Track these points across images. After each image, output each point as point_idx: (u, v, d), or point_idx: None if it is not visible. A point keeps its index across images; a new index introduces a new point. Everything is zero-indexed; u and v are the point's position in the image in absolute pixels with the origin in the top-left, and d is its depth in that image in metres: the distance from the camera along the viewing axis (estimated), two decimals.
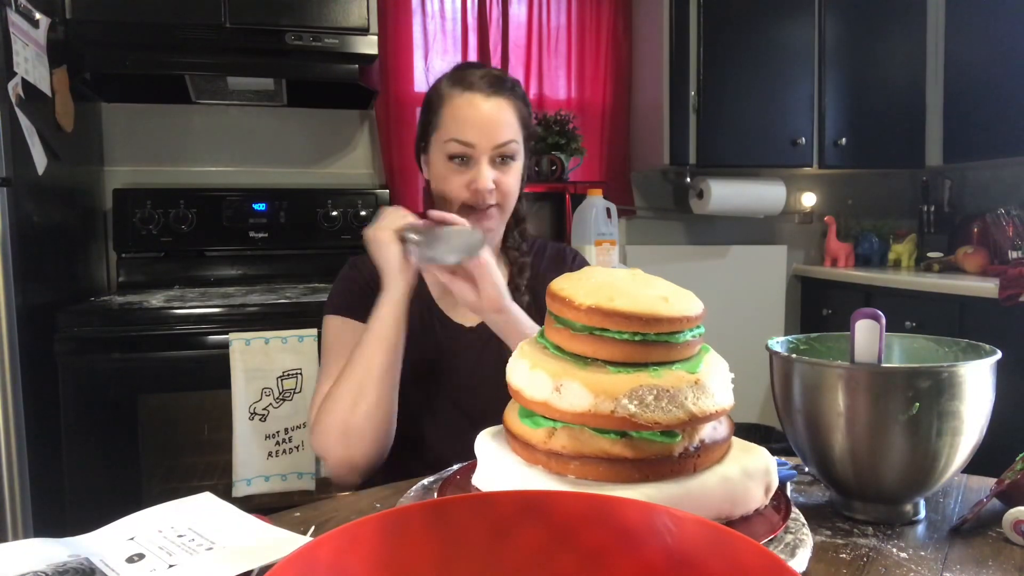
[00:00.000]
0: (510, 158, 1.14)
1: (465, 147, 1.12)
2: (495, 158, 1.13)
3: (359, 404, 1.02)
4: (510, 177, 1.15)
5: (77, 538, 0.72)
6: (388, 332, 1.04)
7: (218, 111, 2.57)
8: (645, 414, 0.64)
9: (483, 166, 1.12)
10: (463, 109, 1.12)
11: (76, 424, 1.80)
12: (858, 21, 2.85)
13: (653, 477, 0.66)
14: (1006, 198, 2.84)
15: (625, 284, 0.71)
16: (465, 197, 1.13)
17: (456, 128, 1.12)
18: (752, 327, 2.99)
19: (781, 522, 0.69)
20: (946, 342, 0.87)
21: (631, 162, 3.01)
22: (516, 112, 1.15)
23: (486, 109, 1.12)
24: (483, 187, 1.11)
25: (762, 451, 0.73)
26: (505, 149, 1.13)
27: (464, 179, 1.13)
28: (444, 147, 1.13)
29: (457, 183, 1.13)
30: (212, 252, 2.47)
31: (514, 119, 1.14)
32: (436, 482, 0.84)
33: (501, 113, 1.13)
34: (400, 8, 2.65)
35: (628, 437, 0.66)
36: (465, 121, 1.11)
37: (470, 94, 1.12)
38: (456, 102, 1.13)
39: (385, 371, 1.04)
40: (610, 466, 0.66)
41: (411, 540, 0.47)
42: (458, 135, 1.11)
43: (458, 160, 1.13)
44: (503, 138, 1.12)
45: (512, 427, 0.73)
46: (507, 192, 1.15)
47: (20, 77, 1.69)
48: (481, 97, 1.12)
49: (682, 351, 0.69)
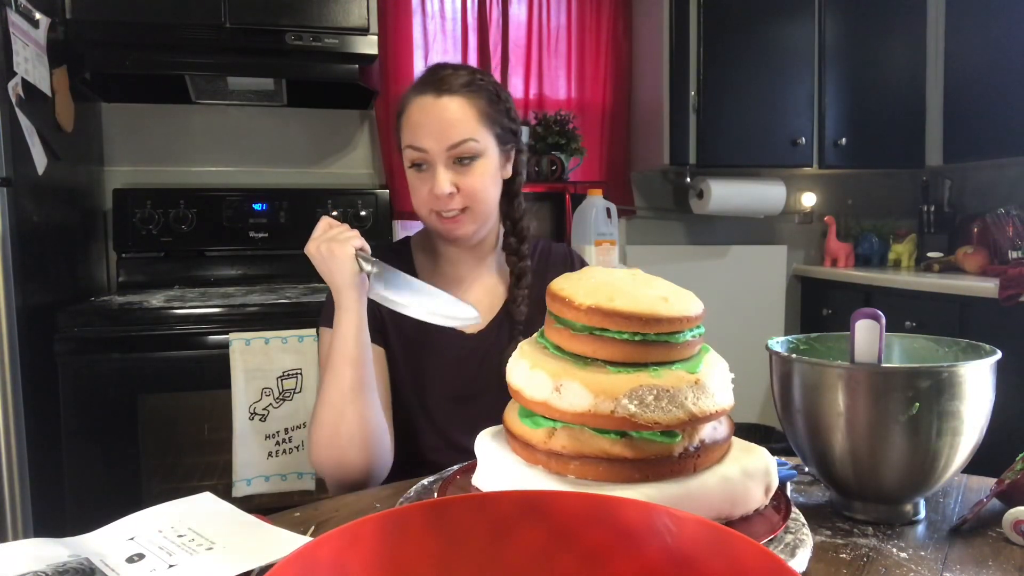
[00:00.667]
0: (469, 158, 1.08)
1: (420, 153, 1.08)
2: (452, 160, 1.08)
3: (340, 426, 1.00)
4: (472, 178, 1.09)
5: (77, 538, 0.72)
6: (351, 349, 1.00)
7: (218, 111, 2.57)
8: (645, 414, 0.64)
9: (439, 170, 1.08)
10: (414, 114, 1.09)
11: (76, 424, 1.80)
12: (858, 21, 2.85)
13: (653, 477, 0.66)
14: (1006, 198, 2.84)
15: (625, 284, 0.71)
16: (431, 203, 1.10)
17: (411, 134, 1.09)
18: (752, 327, 2.99)
19: (781, 522, 0.69)
20: (946, 342, 0.87)
21: (631, 162, 3.01)
22: (474, 108, 1.09)
23: (436, 111, 1.07)
24: (439, 191, 1.07)
25: (762, 451, 0.73)
26: (462, 150, 1.07)
27: (426, 187, 1.09)
28: (405, 155, 1.10)
29: (422, 192, 1.10)
30: (212, 252, 2.47)
31: (470, 116, 1.08)
32: (436, 482, 0.84)
33: (453, 112, 1.07)
34: (400, 8, 2.65)
35: (628, 437, 0.66)
36: (417, 126, 1.08)
37: (420, 98, 1.09)
38: (411, 107, 1.09)
39: (358, 387, 1.01)
40: (610, 466, 0.66)
41: (411, 540, 0.47)
42: (412, 141, 1.08)
43: (417, 167, 1.10)
44: (456, 138, 1.07)
45: (512, 427, 0.73)
46: (471, 193, 1.09)
47: (20, 77, 1.69)
48: (431, 99, 1.08)
49: (682, 351, 0.69)
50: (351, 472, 1.01)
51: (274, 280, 2.48)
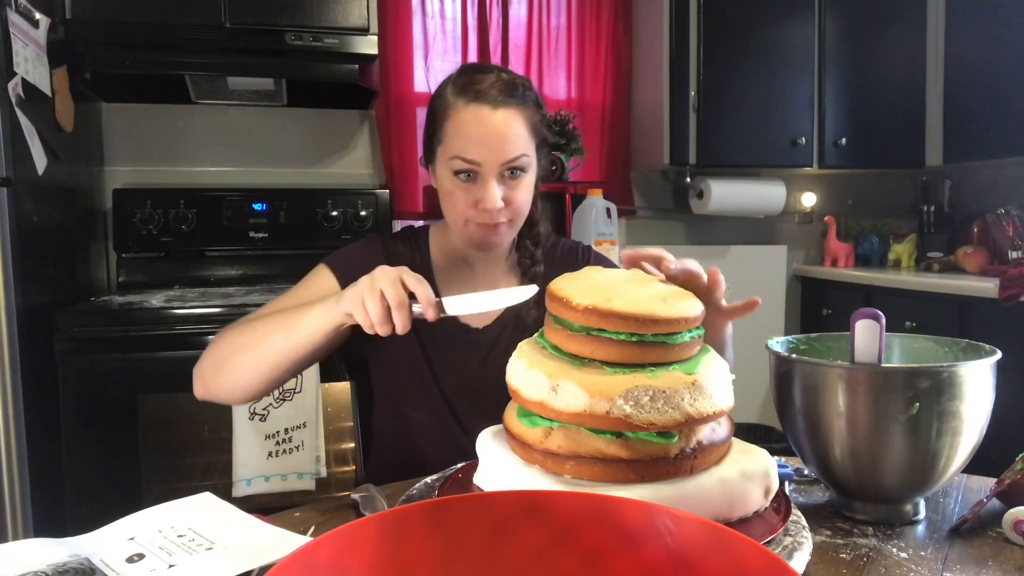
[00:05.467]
0: (520, 170, 1.06)
1: (471, 164, 1.04)
2: (504, 173, 1.05)
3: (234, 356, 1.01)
4: (520, 192, 1.07)
5: (77, 538, 0.72)
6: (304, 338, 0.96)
7: (218, 111, 2.57)
8: (640, 415, 0.63)
9: (491, 184, 1.04)
10: (468, 125, 1.03)
11: (76, 424, 1.80)
12: (858, 21, 2.85)
13: (649, 478, 0.66)
14: (1006, 198, 2.83)
15: (624, 285, 0.71)
16: (472, 214, 1.06)
17: (461, 145, 1.03)
18: (752, 327, 2.97)
19: (781, 523, 0.69)
20: (946, 342, 0.87)
21: (631, 162, 3.01)
22: (527, 122, 1.06)
23: (493, 124, 1.03)
24: (491, 207, 1.04)
25: (762, 453, 0.73)
26: (515, 163, 1.05)
27: (471, 197, 1.05)
28: (449, 163, 1.05)
29: (464, 201, 1.06)
30: (212, 252, 2.47)
31: (524, 130, 1.05)
32: (437, 481, 0.84)
33: (510, 127, 1.03)
34: (400, 8, 2.65)
35: (624, 438, 0.66)
36: (471, 138, 1.03)
37: (476, 106, 1.03)
38: (461, 116, 1.04)
39: (273, 351, 0.98)
40: (606, 466, 0.66)
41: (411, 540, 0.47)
42: (463, 153, 1.03)
43: (464, 175, 1.05)
44: (512, 154, 1.04)
45: (510, 426, 0.73)
46: (518, 208, 1.08)
47: (20, 77, 1.69)
48: (488, 110, 1.03)
49: (680, 352, 0.69)
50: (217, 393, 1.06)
51: (274, 280, 2.48)
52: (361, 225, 2.53)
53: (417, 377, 1.14)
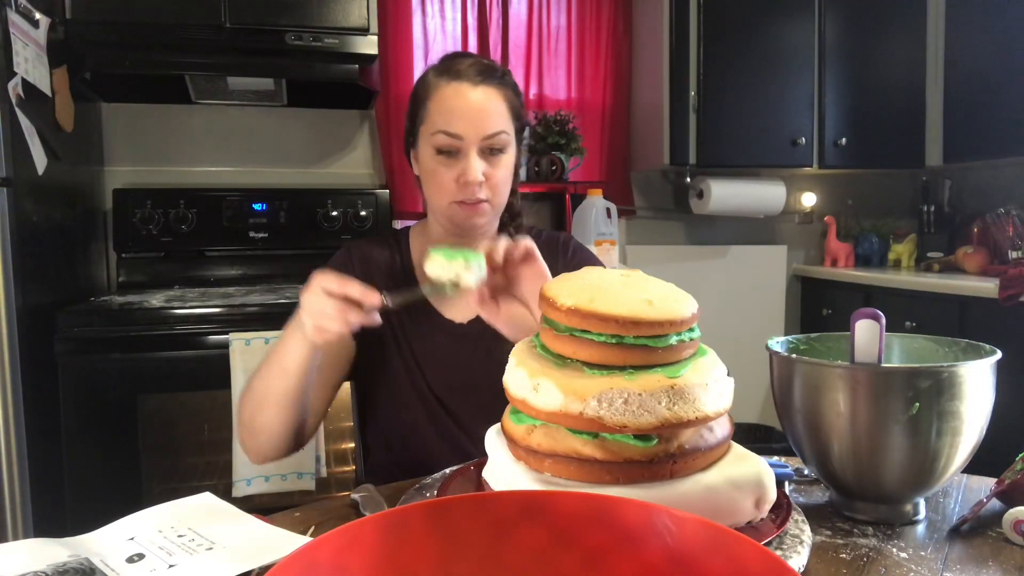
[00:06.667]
0: (500, 150, 1.09)
1: (453, 139, 1.06)
2: (484, 150, 1.08)
3: (256, 418, 1.01)
4: (500, 170, 1.10)
5: (77, 538, 0.72)
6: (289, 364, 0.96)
7: (218, 111, 2.57)
8: (613, 417, 0.63)
9: (472, 158, 1.07)
10: (450, 99, 1.07)
11: (76, 424, 1.80)
12: (858, 21, 2.84)
13: (624, 480, 0.65)
14: (1006, 198, 2.84)
15: (612, 286, 0.69)
16: (454, 191, 1.08)
17: (443, 119, 1.07)
18: (752, 327, 2.99)
19: (781, 523, 0.69)
20: (946, 342, 0.87)
21: (631, 162, 3.01)
22: (506, 102, 1.10)
23: (474, 99, 1.07)
24: (472, 179, 1.06)
25: (756, 461, 0.71)
26: (495, 140, 1.08)
27: (453, 173, 1.08)
28: (431, 140, 1.08)
29: (446, 177, 1.08)
30: (212, 252, 2.47)
31: (504, 109, 1.09)
32: (437, 482, 0.84)
33: (490, 103, 1.08)
34: (400, 8, 2.65)
35: (601, 439, 0.65)
36: (452, 112, 1.06)
37: (457, 83, 1.07)
38: (443, 92, 1.08)
39: (284, 396, 0.99)
40: (581, 466, 0.65)
41: (411, 540, 0.47)
42: (446, 127, 1.06)
43: (446, 153, 1.08)
44: (492, 128, 1.07)
45: (503, 422, 0.74)
46: (497, 185, 1.10)
47: (20, 77, 1.69)
48: (469, 86, 1.07)
49: (666, 355, 0.67)
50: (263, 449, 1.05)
51: (274, 280, 2.48)
52: (361, 225, 2.53)
53: (407, 376, 1.14)
